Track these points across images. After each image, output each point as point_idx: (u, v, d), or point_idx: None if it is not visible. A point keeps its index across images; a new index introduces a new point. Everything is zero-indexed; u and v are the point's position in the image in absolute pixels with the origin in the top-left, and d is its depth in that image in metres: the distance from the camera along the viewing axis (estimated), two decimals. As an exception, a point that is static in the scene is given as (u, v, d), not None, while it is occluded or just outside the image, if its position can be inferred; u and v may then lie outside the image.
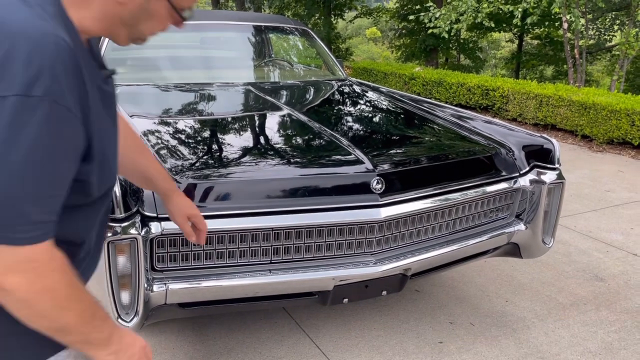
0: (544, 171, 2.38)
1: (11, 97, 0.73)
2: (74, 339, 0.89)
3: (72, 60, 0.78)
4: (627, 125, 6.08)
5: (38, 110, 0.75)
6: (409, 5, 16.53)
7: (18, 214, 0.77)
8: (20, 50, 0.74)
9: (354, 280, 2.01)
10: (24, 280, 0.79)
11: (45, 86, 0.74)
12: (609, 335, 2.54)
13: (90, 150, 0.86)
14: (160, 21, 0.92)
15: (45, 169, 0.78)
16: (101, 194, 0.95)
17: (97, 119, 0.87)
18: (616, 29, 14.74)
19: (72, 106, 0.79)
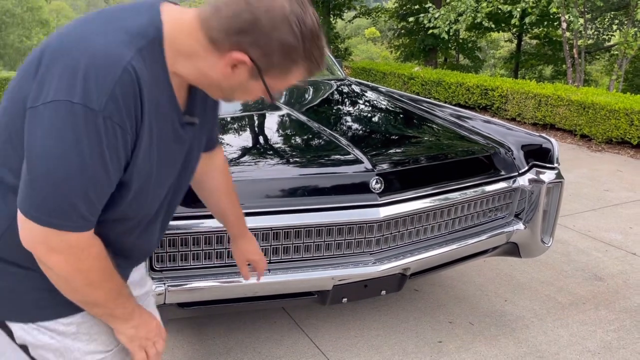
0: (542, 170, 2.38)
1: (77, 105, 0.84)
2: (101, 311, 1.04)
3: (135, 88, 0.88)
4: (626, 124, 6.08)
5: (96, 122, 0.85)
6: (407, 5, 16.54)
7: (69, 206, 0.89)
8: (92, 66, 0.85)
9: (353, 280, 2.01)
10: (63, 260, 0.93)
11: (102, 102, 0.85)
12: (608, 334, 2.54)
13: (128, 174, 0.96)
14: (253, 96, 1.01)
15: (95, 172, 0.89)
16: (132, 215, 1.05)
17: (150, 149, 0.97)
18: (615, 28, 14.76)
19: (126, 126, 0.89)
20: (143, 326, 1.11)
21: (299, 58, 0.93)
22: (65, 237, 0.91)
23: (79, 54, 0.87)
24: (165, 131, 1.00)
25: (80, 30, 0.92)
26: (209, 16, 0.91)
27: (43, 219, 0.89)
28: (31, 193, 0.89)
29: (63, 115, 0.85)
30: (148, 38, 0.91)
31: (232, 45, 0.90)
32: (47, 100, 0.86)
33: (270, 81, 0.95)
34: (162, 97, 0.95)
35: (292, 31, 0.89)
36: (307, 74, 0.97)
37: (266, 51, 0.90)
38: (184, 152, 1.09)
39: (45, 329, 1.06)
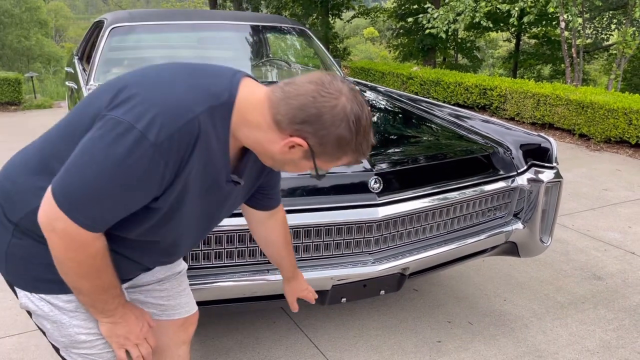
0: (541, 170, 2.38)
1: (136, 130, 0.96)
2: (83, 299, 1.13)
3: (192, 139, 1.00)
4: (625, 124, 6.09)
5: (146, 150, 0.96)
6: (406, 5, 16.53)
7: (86, 204, 1.00)
8: (165, 110, 0.98)
9: (352, 280, 2.01)
10: (61, 244, 1.03)
11: (160, 138, 0.97)
12: (607, 333, 2.54)
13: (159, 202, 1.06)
14: (301, 170, 1.12)
15: (124, 191, 0.99)
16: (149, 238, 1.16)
17: (186, 190, 1.07)
18: (613, 28, 14.76)
19: (169, 165, 1.00)
20: (123, 325, 1.19)
21: (349, 150, 1.05)
22: (70, 227, 1.00)
23: (159, 95, 1.00)
24: (209, 181, 1.11)
25: (166, 75, 1.06)
26: (278, 101, 1.03)
27: (62, 202, 0.99)
28: (65, 177, 1.00)
29: (121, 132, 0.97)
30: (221, 100, 1.04)
31: (294, 131, 1.03)
32: (116, 115, 0.99)
33: (320, 163, 1.08)
34: (218, 152, 1.07)
35: (349, 128, 1.01)
36: (353, 162, 1.10)
37: (323, 141, 1.02)
38: (221, 203, 1.20)
39: (46, 302, 1.17)
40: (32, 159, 1.15)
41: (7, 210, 1.15)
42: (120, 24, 3.42)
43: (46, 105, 8.76)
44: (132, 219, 1.07)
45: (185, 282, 1.49)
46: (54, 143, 1.13)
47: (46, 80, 13.49)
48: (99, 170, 0.97)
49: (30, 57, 30.99)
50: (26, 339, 2.42)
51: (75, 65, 4.22)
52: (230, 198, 1.22)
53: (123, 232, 1.10)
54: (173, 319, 1.46)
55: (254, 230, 1.52)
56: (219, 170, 1.11)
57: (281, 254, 1.56)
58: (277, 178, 1.42)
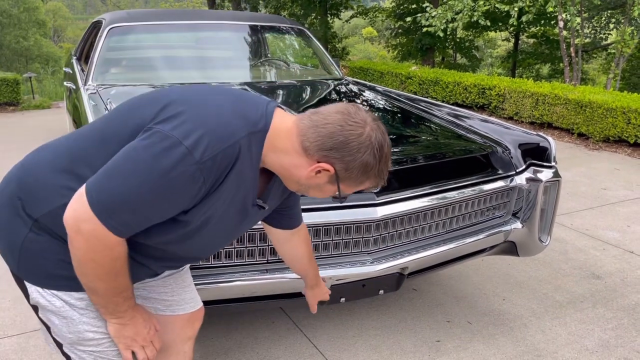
0: (540, 169, 2.38)
1: (184, 147, 1.01)
2: (96, 300, 1.16)
3: (231, 161, 1.07)
4: (623, 123, 6.09)
5: (190, 167, 1.02)
6: (404, 5, 16.53)
7: (122, 210, 1.03)
8: (212, 131, 1.05)
9: (351, 280, 2.01)
10: (85, 245, 1.05)
11: (204, 157, 1.03)
12: (606, 332, 2.54)
13: (188, 215, 1.11)
14: (324, 194, 1.18)
15: (158, 201, 1.04)
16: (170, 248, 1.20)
17: (215, 208, 1.13)
18: (612, 27, 14.77)
19: (207, 182, 1.06)
20: (130, 327, 1.22)
21: (372, 175, 1.13)
22: (99, 229, 1.04)
23: (206, 116, 1.06)
24: (238, 204, 1.17)
25: (212, 98, 1.13)
26: (307, 129, 1.11)
27: (96, 204, 1.03)
28: (103, 181, 1.04)
29: (168, 146, 1.02)
30: (258, 127, 1.11)
31: (322, 157, 1.10)
32: (164, 129, 1.04)
33: (344, 187, 1.15)
34: (248, 176, 1.13)
35: (374, 155, 1.10)
36: (373, 186, 1.17)
37: (349, 167, 1.10)
38: (242, 223, 1.25)
39: (58, 298, 1.19)
40: (60, 159, 1.18)
41: (27, 205, 1.16)
42: (118, 24, 3.41)
43: (45, 105, 8.75)
44: (156, 229, 1.11)
45: (189, 278, 1.52)
46: (84, 147, 1.16)
47: (44, 81, 13.47)
48: (142, 179, 1.01)
49: (28, 58, 30.96)
50: (25, 339, 2.42)
51: (73, 65, 4.21)
52: (252, 220, 1.29)
53: (143, 239, 1.14)
54: (178, 314, 1.48)
55: (278, 248, 1.59)
56: (247, 193, 1.17)
57: (305, 267, 1.63)
58: (295, 199, 1.47)
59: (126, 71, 3.36)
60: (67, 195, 1.11)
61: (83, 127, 1.24)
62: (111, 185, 1.03)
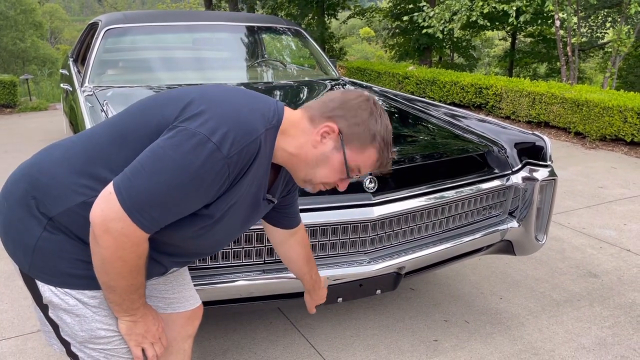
0: (536, 168, 2.39)
1: (211, 143, 1.05)
2: (113, 297, 1.17)
3: (253, 155, 1.12)
4: (620, 122, 6.11)
5: (218, 162, 1.06)
6: (401, 5, 16.54)
7: (152, 207, 1.06)
8: (236, 127, 1.09)
9: (348, 280, 2.02)
10: (113, 244, 1.07)
11: (231, 152, 1.07)
12: (603, 330, 2.55)
13: (209, 209, 1.14)
14: (331, 170, 1.21)
15: (187, 196, 1.07)
16: (183, 242, 1.23)
17: (234, 200, 1.17)
18: (608, 26, 14.80)
19: (231, 176, 1.10)
20: (142, 324, 1.24)
21: (376, 141, 1.19)
22: (128, 227, 1.06)
23: (230, 113, 1.11)
24: (249, 195, 1.21)
25: (231, 96, 1.17)
26: (312, 104, 1.22)
27: (127, 203, 1.05)
28: (133, 179, 1.06)
29: (196, 143, 1.05)
30: (272, 124, 1.17)
31: (326, 119, 1.18)
32: (190, 127, 1.07)
33: (350, 154, 1.19)
34: (261, 170, 1.18)
35: (371, 110, 1.19)
36: (377, 161, 1.22)
37: (351, 124, 1.17)
38: (251, 217, 1.30)
39: (71, 296, 1.20)
40: (76, 158, 1.19)
41: (41, 204, 1.17)
42: (114, 25, 3.42)
43: (42, 107, 8.74)
44: (176, 224, 1.14)
45: (188, 275, 1.54)
46: (102, 147, 1.18)
47: (41, 83, 13.45)
48: (172, 176, 1.05)
49: (25, 60, 30.90)
50: (23, 341, 2.42)
51: (70, 67, 4.21)
52: (259, 215, 1.33)
53: (161, 235, 1.15)
54: (179, 312, 1.49)
55: (277, 248, 1.61)
56: (260, 187, 1.22)
57: (303, 270, 1.65)
58: (292, 197, 1.50)
59: (123, 73, 3.36)
60: (85, 193, 1.14)
61: (96, 126, 1.24)
62: (141, 183, 1.05)
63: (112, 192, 1.06)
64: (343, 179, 1.23)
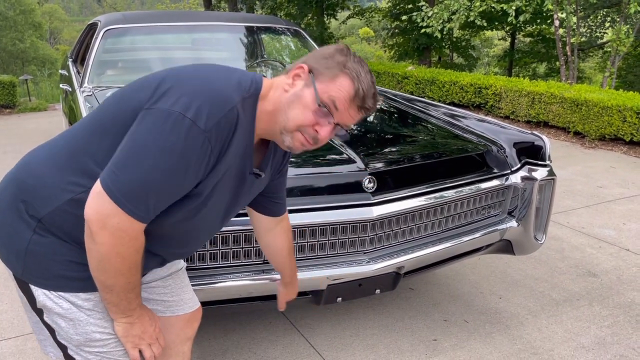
0: (535, 168, 2.39)
1: (187, 119, 1.03)
2: (110, 297, 1.15)
3: (232, 125, 1.09)
4: (619, 121, 6.11)
5: (197, 138, 1.04)
6: (401, 5, 16.54)
7: (144, 195, 1.04)
8: (209, 98, 1.07)
9: (348, 279, 2.02)
10: (111, 240, 1.06)
11: (209, 125, 1.05)
12: (602, 330, 2.56)
13: (198, 189, 1.12)
14: (304, 108, 1.14)
15: (176, 177, 1.05)
16: (178, 227, 1.20)
17: (221, 176, 1.14)
18: (607, 25, 14.81)
19: (215, 150, 1.08)
20: (138, 325, 1.22)
21: (347, 69, 1.14)
22: (124, 221, 1.05)
23: (201, 87, 1.08)
24: (235, 169, 1.18)
25: (201, 71, 1.14)
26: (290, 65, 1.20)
27: (118, 197, 1.03)
28: (119, 172, 1.03)
29: (173, 122, 1.03)
30: (250, 92, 1.14)
31: (298, 64, 1.17)
32: (163, 107, 1.05)
33: (320, 87, 1.14)
34: (244, 142, 1.15)
35: (341, 49, 1.17)
36: (354, 91, 1.14)
37: (320, 59, 1.16)
38: (240, 194, 1.28)
39: (65, 300, 1.19)
40: (59, 156, 1.18)
41: (30, 207, 1.16)
42: (114, 26, 3.42)
43: (41, 108, 8.74)
44: (167, 209, 1.12)
45: (186, 278, 1.53)
46: (83, 140, 1.16)
47: (41, 83, 13.45)
48: (156, 160, 1.02)
49: (24, 60, 30.90)
50: (23, 342, 2.42)
51: (69, 67, 4.21)
52: (249, 192, 1.31)
53: (154, 224, 1.13)
54: (178, 314, 1.49)
55: (260, 237, 1.59)
56: (245, 161, 1.20)
57: (284, 261, 1.63)
58: (282, 183, 1.48)
59: (122, 73, 3.36)
60: (72, 190, 1.12)
61: (77, 123, 1.23)
62: (127, 174, 1.03)
63: (101, 190, 1.04)
64: (319, 118, 1.15)
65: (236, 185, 1.23)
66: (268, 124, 1.18)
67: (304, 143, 1.17)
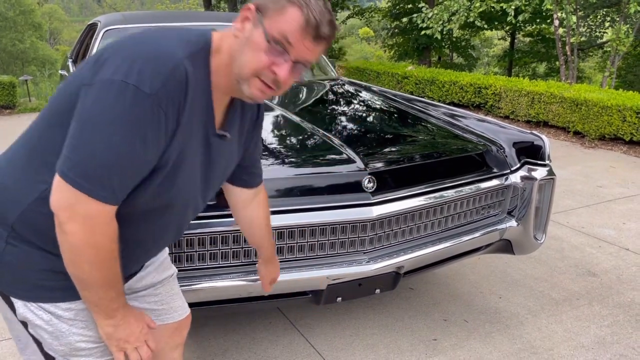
0: (534, 167, 2.39)
1: (131, 86, 0.95)
2: (90, 296, 1.08)
3: (183, 84, 1.01)
4: (619, 121, 6.11)
5: (145, 104, 0.96)
6: (400, 5, 16.55)
7: (104, 175, 0.97)
8: (149, 59, 0.98)
9: (347, 279, 2.02)
10: (80, 229, 0.99)
11: (154, 87, 0.96)
12: (602, 329, 2.56)
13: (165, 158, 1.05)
14: (255, 49, 1.05)
15: (134, 149, 0.97)
16: (155, 206, 1.13)
17: (184, 142, 1.07)
18: (607, 25, 14.82)
19: (169, 114, 1.00)
20: (123, 327, 1.15)
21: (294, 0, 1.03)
22: (90, 205, 0.98)
23: (139, 49, 1.00)
24: (197, 133, 1.11)
25: (140, 35, 1.07)
26: None
27: (77, 181, 0.96)
28: (72, 156, 0.97)
29: (116, 92, 0.95)
30: (199, 46, 1.07)
31: (245, 5, 1.07)
32: (103, 78, 0.97)
33: (268, 24, 1.04)
34: (202, 102, 1.08)
35: None
36: (304, 20, 1.03)
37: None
38: (214, 162, 1.20)
39: (45, 310, 1.14)
40: (18, 156, 1.12)
41: (1, 217, 1.11)
42: (113, 26, 3.42)
43: (41, 108, 8.75)
44: (136, 188, 1.05)
45: (177, 285, 1.50)
46: (40, 135, 1.09)
47: (41, 84, 13.45)
48: (106, 135, 0.95)
49: (24, 60, 30.92)
50: (22, 342, 2.42)
51: (69, 67, 4.22)
52: (222, 158, 1.23)
53: (129, 205, 1.07)
54: (167, 323, 1.46)
55: (238, 212, 1.52)
56: (206, 123, 1.12)
57: (262, 234, 1.57)
58: (256, 151, 1.42)
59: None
60: (37, 188, 1.07)
61: (32, 122, 1.17)
62: (79, 155, 0.96)
63: (59, 178, 0.98)
64: (274, 58, 1.04)
65: (204, 152, 1.15)
66: (228, 78, 1.09)
67: (263, 89, 1.08)
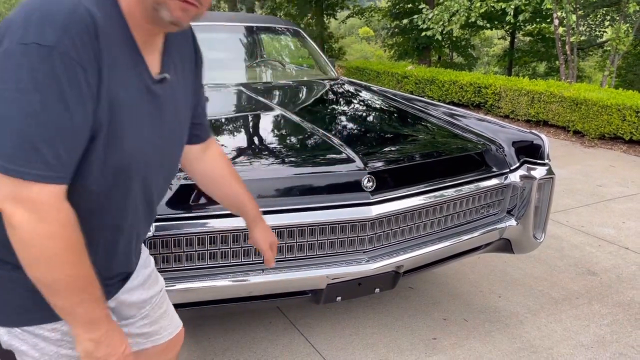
0: (533, 167, 2.40)
1: (31, 45, 0.84)
2: (60, 303, 0.95)
3: (90, 27, 0.89)
4: (619, 120, 6.12)
5: (52, 58, 0.85)
6: (400, 4, 16.56)
7: (30, 150, 0.85)
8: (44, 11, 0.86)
9: (347, 279, 2.02)
10: (26, 218, 0.87)
11: (57, 38, 0.85)
12: (601, 328, 2.56)
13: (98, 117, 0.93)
14: None
15: (56, 111, 0.86)
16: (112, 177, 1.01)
17: (116, 96, 0.95)
18: (607, 24, 14.82)
19: (85, 65, 0.88)
20: (105, 345, 1.02)
21: None
22: (30, 189, 0.87)
23: (32, 6, 0.88)
24: (131, 85, 0.99)
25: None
26: None
27: (4, 166, 0.85)
28: None
29: (17, 58, 0.85)
30: None
31: None
32: (5, 49, 0.86)
33: None
34: (124, 47, 0.97)
35: None
36: None
37: None
38: (165, 114, 1.09)
39: (30, 333, 1.06)
40: None
41: None
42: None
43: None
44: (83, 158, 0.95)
45: (166, 302, 1.39)
46: None
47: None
48: (21, 104, 0.84)
49: (25, 61, 30.90)
50: (23, 342, 2.43)
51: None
52: (173, 106, 1.12)
53: (84, 184, 0.97)
54: (158, 344, 1.37)
55: (192, 170, 1.39)
56: (140, 71, 1.01)
57: (233, 189, 1.41)
58: (199, 99, 1.30)
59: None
60: None
61: None
62: (2, 137, 0.85)
63: None
64: None
65: (150, 104, 1.04)
66: (143, 10, 0.98)
67: (184, 7, 0.97)
